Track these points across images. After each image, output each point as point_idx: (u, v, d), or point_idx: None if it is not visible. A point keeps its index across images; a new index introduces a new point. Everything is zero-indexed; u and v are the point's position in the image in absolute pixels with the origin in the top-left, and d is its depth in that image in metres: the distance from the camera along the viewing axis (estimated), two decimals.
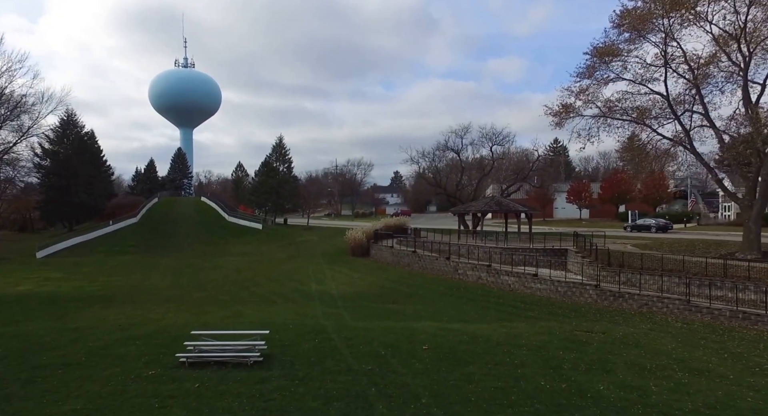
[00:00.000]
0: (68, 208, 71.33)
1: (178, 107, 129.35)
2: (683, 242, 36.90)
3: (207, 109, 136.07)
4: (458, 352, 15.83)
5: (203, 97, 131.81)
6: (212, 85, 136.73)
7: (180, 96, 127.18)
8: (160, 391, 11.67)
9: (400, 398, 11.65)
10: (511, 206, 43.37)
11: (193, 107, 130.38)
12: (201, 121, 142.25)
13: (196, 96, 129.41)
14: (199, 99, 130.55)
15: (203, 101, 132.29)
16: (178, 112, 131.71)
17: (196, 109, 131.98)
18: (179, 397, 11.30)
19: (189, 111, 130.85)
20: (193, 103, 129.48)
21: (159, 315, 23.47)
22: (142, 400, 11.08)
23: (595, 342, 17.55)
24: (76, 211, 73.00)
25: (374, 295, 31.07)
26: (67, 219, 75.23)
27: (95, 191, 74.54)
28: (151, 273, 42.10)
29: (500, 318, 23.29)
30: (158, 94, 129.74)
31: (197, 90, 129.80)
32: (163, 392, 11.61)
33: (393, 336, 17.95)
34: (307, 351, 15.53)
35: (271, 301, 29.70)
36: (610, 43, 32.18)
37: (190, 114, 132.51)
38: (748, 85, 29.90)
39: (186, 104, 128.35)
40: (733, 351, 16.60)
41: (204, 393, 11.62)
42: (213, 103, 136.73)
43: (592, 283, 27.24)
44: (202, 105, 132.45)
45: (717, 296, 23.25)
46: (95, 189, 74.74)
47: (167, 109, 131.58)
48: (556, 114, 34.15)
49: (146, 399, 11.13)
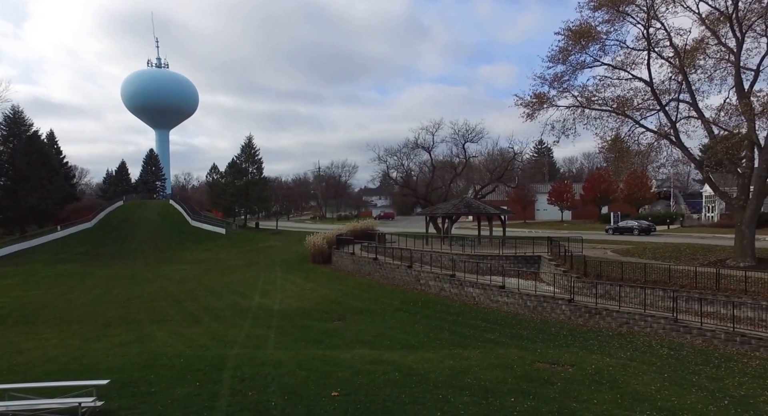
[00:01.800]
0: (16, 212, 66.56)
1: (152, 108, 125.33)
2: (668, 247, 33.26)
3: (182, 110, 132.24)
4: (377, 401, 11.89)
5: (178, 98, 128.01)
6: (188, 86, 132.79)
7: (153, 96, 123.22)
8: None
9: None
10: (481, 208, 39.52)
11: (167, 108, 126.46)
12: (177, 123, 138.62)
13: (171, 97, 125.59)
14: (174, 100, 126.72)
15: (178, 102, 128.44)
16: (152, 113, 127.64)
17: (171, 109, 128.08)
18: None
19: (163, 112, 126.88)
20: (168, 104, 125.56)
21: (35, 344, 19.27)
22: None
23: (560, 380, 13.67)
24: (26, 216, 68.24)
25: (320, 311, 27.10)
26: (18, 224, 70.40)
27: (48, 195, 69.76)
28: (79, 286, 37.74)
29: (453, 342, 19.36)
30: (131, 95, 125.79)
31: (172, 90, 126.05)
32: None
33: (304, 374, 13.98)
34: (171, 404, 11.49)
35: (196, 320, 25.59)
36: (586, 25, 28.46)
37: (164, 115, 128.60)
38: (741, 71, 26.32)
39: (160, 105, 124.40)
40: (735, 393, 12.76)
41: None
42: (189, 103, 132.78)
43: (566, 297, 23.37)
44: (177, 106, 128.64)
45: (709, 312, 19.49)
46: (48, 192, 69.96)
47: (141, 109, 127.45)
48: (527, 104, 30.18)
49: None
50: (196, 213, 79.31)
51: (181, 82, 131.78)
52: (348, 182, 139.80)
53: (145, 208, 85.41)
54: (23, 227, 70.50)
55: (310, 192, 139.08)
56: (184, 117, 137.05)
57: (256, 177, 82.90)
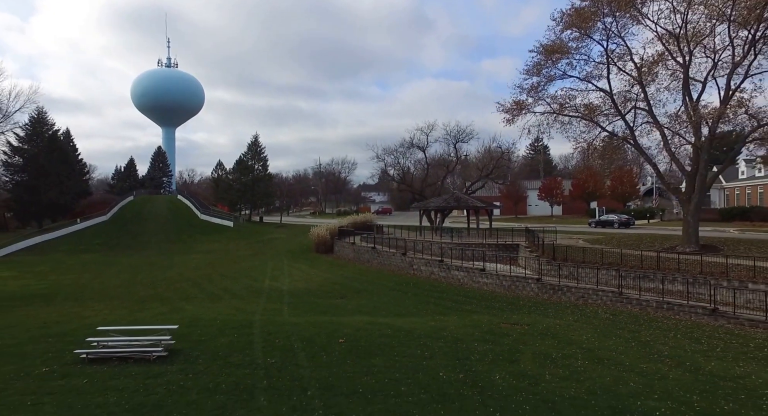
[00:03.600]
0: (36, 207, 70.48)
1: (161, 106, 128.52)
2: (633, 237, 37.34)
3: (189, 108, 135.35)
4: (373, 346, 15.92)
5: (185, 97, 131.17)
6: (195, 85, 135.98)
7: (162, 95, 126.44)
8: (42, 388, 11.62)
9: (286, 390, 11.70)
10: (469, 202, 43.56)
11: (175, 106, 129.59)
12: (184, 121, 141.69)
13: (179, 95, 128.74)
14: (182, 98, 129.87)
15: (185, 100, 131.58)
16: (160, 112, 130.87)
17: (179, 108, 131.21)
18: (58, 394, 11.26)
19: (171, 110, 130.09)
20: (175, 103, 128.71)
21: (93, 313, 23.27)
22: (17, 398, 11.02)
23: (515, 334, 17.73)
24: (45, 210, 72.13)
25: (324, 291, 31.09)
26: (36, 218, 74.28)
27: (66, 190, 73.61)
28: (106, 271, 41.78)
29: (436, 312, 23.43)
30: (140, 94, 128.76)
31: (180, 89, 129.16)
32: (44, 389, 11.57)
33: (316, 330, 18.00)
34: (219, 346, 15.52)
35: (218, 298, 29.60)
36: (558, 41, 32.38)
37: (172, 113, 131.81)
38: (689, 83, 30.28)
39: (168, 103, 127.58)
40: (643, 339, 16.83)
41: (87, 389, 11.59)
42: (195, 102, 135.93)
43: (535, 277, 27.48)
44: (184, 104, 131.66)
45: (649, 288, 23.59)
46: (66, 188, 73.81)
47: (149, 108, 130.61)
48: (508, 110, 34.19)
49: (22, 397, 11.06)
50: (205, 208, 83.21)
51: (189, 81, 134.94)
52: (347, 178, 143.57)
53: (155, 202, 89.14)
54: (41, 221, 74.34)
55: (311, 188, 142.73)
56: (190, 115, 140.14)
57: (262, 174, 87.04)
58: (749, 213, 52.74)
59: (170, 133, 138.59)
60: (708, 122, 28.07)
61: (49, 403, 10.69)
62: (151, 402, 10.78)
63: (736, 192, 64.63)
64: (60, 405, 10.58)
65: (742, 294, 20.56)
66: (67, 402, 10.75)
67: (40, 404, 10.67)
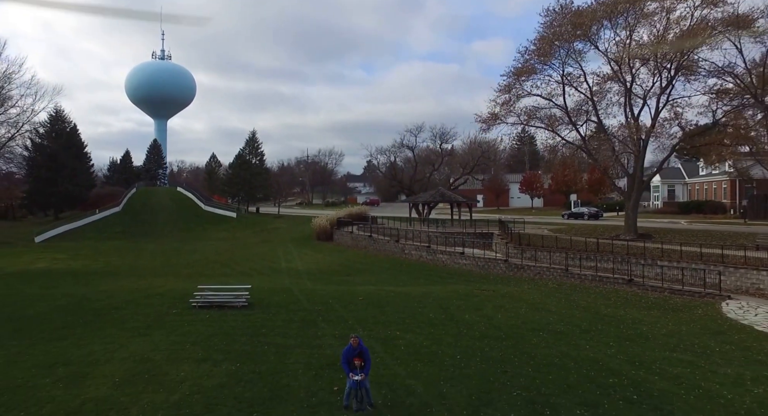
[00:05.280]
0: (54, 198, 76.32)
1: (154, 99, 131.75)
2: (590, 227, 44.74)
3: (181, 100, 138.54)
4: (382, 301, 22.92)
5: (178, 89, 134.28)
6: (187, 77, 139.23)
7: (156, 88, 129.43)
8: (185, 319, 18.51)
9: (335, 321, 18.69)
10: (452, 197, 50.68)
11: (168, 98, 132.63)
12: (176, 112, 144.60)
13: (172, 88, 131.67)
14: (174, 91, 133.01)
15: (178, 93, 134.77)
16: (153, 104, 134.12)
17: (171, 100, 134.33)
18: (197, 322, 18.16)
19: (164, 102, 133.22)
20: (168, 95, 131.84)
21: (161, 283, 29.91)
22: (176, 320, 17.89)
23: (483, 295, 24.83)
24: (60, 201, 77.95)
25: (332, 271, 37.92)
26: (52, 208, 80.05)
27: (78, 182, 79.38)
28: (140, 255, 48.20)
29: (425, 283, 30.45)
30: (135, 87, 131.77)
31: (173, 82, 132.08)
32: (187, 319, 18.46)
33: (339, 293, 24.96)
34: (278, 302, 22.42)
35: (248, 275, 36.31)
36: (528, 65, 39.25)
37: (165, 105, 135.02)
38: (632, 100, 37.42)
39: (161, 96, 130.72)
40: (572, 299, 24.00)
41: (213, 319, 18.49)
42: (188, 94, 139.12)
43: (503, 259, 34.62)
44: (176, 97, 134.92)
45: (589, 266, 30.74)
46: (78, 180, 79.58)
47: (143, 100, 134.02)
48: (484, 121, 41.20)
49: (179, 321, 17.96)
50: (208, 200, 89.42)
51: (182, 73, 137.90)
52: (335, 169, 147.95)
53: (156, 194, 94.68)
54: (56, 211, 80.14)
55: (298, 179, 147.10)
56: (182, 107, 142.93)
57: (259, 167, 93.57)
58: (703, 206, 60.39)
59: (162, 125, 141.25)
60: (642, 136, 35.30)
61: (198, 323, 17.61)
62: (254, 326, 17.70)
63: (696, 187, 71.98)
64: (205, 325, 17.47)
65: (652, 269, 27.87)
66: (208, 323, 17.63)
67: (194, 323, 17.57)
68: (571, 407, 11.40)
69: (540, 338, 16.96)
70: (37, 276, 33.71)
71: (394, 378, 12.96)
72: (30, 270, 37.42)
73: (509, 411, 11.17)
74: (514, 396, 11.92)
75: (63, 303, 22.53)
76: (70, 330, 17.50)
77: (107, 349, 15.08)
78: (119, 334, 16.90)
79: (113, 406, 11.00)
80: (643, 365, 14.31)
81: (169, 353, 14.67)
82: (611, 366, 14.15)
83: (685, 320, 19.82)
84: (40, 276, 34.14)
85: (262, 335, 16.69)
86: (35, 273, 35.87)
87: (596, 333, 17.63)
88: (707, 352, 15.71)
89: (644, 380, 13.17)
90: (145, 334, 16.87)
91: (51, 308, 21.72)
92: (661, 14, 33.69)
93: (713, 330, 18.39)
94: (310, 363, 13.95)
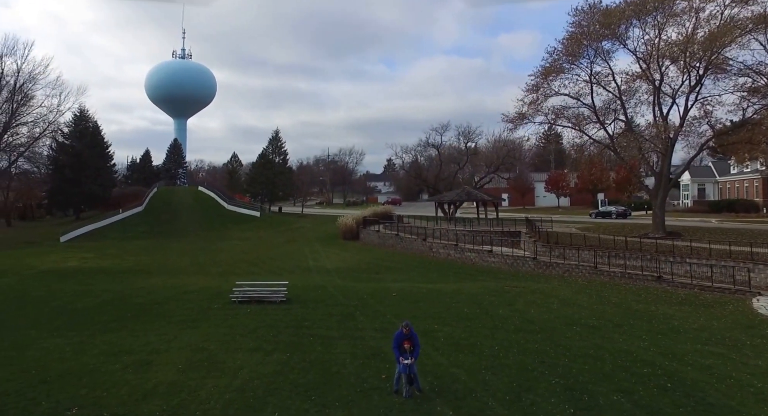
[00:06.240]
0: (78, 198, 78.01)
1: (174, 98, 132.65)
2: (618, 225, 44.80)
3: (202, 99, 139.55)
4: (416, 297, 23.53)
5: (198, 89, 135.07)
6: (208, 76, 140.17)
7: (176, 88, 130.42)
8: (228, 313, 19.31)
9: (373, 315, 19.33)
10: (478, 196, 51.06)
11: (188, 98, 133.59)
12: (196, 111, 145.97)
13: (192, 88, 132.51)
14: (195, 90, 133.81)
15: (198, 92, 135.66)
16: (173, 103, 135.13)
17: (192, 99, 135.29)
18: (241, 315, 18.94)
19: (184, 101, 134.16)
20: (189, 95, 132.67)
21: (194, 281, 30.86)
22: (220, 314, 18.69)
23: (514, 291, 25.29)
24: (84, 200, 79.65)
25: (361, 269, 38.54)
26: (74, 208, 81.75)
27: (101, 181, 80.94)
28: (167, 254, 49.30)
29: (455, 280, 30.95)
30: (155, 86, 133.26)
31: (193, 81, 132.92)
32: (230, 313, 19.26)
33: (372, 289, 25.62)
34: (314, 297, 23.15)
35: (278, 274, 36.96)
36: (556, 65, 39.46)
37: (185, 104, 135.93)
38: (661, 99, 37.48)
39: (182, 95, 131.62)
40: (603, 295, 24.33)
41: (255, 313, 19.27)
42: (208, 93, 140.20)
43: (532, 257, 34.97)
44: (197, 96, 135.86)
45: (617, 263, 30.96)
46: (101, 179, 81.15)
47: (163, 100, 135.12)
48: (511, 120, 41.58)
49: (223, 315, 18.76)
50: (231, 199, 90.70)
51: (202, 72, 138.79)
52: (356, 168, 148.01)
53: (177, 193, 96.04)
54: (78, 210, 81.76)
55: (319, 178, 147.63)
56: (202, 106, 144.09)
57: (282, 167, 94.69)
58: (735, 205, 59.80)
59: (182, 125, 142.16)
60: (670, 135, 35.38)
61: (241, 316, 18.38)
62: (296, 319, 18.42)
63: (728, 186, 71.21)
64: (249, 318, 18.24)
65: (681, 267, 28.05)
66: (251, 316, 18.40)
67: (237, 317, 18.35)
68: (607, 393, 11.89)
69: (574, 332, 17.40)
70: (71, 274, 34.77)
71: (437, 367, 13.54)
72: (62, 268, 38.54)
73: (549, 396, 11.68)
74: (553, 384, 12.43)
75: (107, 299, 23.53)
76: (121, 323, 18.40)
77: (162, 340, 15.92)
78: (169, 326, 17.74)
79: (183, 389, 11.80)
80: (675, 357, 14.72)
81: (221, 343, 15.45)
82: (645, 358, 14.58)
83: (716, 315, 20.10)
84: (73, 273, 35.21)
85: (305, 327, 17.39)
86: (68, 271, 36.98)
87: (629, 328, 18.02)
88: (738, 345, 16.05)
89: (677, 370, 13.60)
90: (193, 327, 17.69)
91: (96, 303, 22.70)
92: (690, 13, 33.80)
93: (744, 325, 18.68)
94: (355, 353, 14.61)
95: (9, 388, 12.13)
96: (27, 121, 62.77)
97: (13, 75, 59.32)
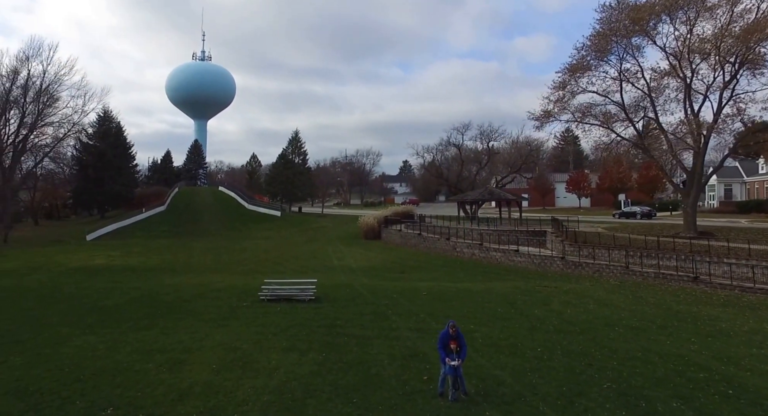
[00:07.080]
0: (102, 197, 78.69)
1: (195, 100, 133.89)
2: (645, 226, 43.81)
3: (222, 101, 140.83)
4: (446, 296, 22.99)
5: (219, 90, 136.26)
6: (227, 78, 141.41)
7: (196, 89, 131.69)
8: (258, 311, 18.93)
9: (406, 315, 18.83)
10: (501, 195, 50.32)
11: (209, 100, 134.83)
12: (216, 113, 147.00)
13: (212, 89, 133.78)
14: (215, 92, 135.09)
15: (219, 94, 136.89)
16: (193, 105, 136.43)
17: (212, 101, 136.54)
18: (271, 313, 18.56)
19: (205, 103, 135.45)
20: (209, 96, 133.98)
21: (220, 279, 30.60)
22: (250, 312, 18.33)
23: (546, 291, 24.62)
24: (108, 200, 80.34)
25: (385, 268, 38.08)
26: (98, 207, 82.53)
27: (124, 181, 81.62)
28: (191, 253, 49.26)
29: (483, 280, 30.32)
30: (175, 88, 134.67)
31: (213, 83, 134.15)
32: (260, 311, 18.88)
33: (401, 288, 25.11)
34: (343, 295, 22.71)
35: (303, 272, 36.69)
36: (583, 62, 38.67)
37: (205, 106, 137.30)
38: (692, 96, 36.51)
39: (202, 97, 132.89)
40: (638, 295, 23.58)
41: (285, 311, 18.86)
42: (228, 95, 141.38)
43: (560, 256, 34.20)
44: (217, 98, 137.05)
45: (650, 264, 30.11)
46: (124, 179, 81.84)
47: (183, 101, 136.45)
48: (538, 118, 40.82)
49: (253, 313, 18.39)
50: (251, 199, 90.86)
51: (222, 74, 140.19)
52: (372, 169, 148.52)
53: (198, 193, 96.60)
54: (102, 210, 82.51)
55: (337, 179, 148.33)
56: (222, 108, 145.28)
57: (302, 167, 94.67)
58: (764, 205, 58.26)
59: (202, 126, 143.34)
60: (703, 132, 34.40)
61: (271, 314, 17.99)
62: (328, 318, 18.00)
63: (756, 186, 69.50)
64: (279, 316, 17.85)
65: (719, 267, 27.16)
66: (281, 315, 18.01)
67: (268, 315, 17.98)
68: (665, 400, 11.27)
69: (616, 333, 16.75)
70: (100, 272, 34.82)
71: (479, 369, 13.00)
72: (90, 266, 38.62)
73: (603, 402, 11.11)
74: (605, 389, 11.84)
75: (136, 296, 23.35)
76: (152, 321, 18.11)
77: (194, 338, 15.59)
78: (200, 325, 17.41)
79: (220, 390, 11.41)
80: (731, 361, 14.01)
81: (254, 342, 15.06)
82: (698, 362, 13.90)
83: (765, 318, 19.27)
84: (102, 271, 35.25)
85: (338, 327, 16.96)
86: (96, 268, 37.01)
87: (674, 329, 17.30)
88: None
89: (735, 375, 12.91)
90: (224, 325, 17.34)
91: (126, 300, 22.52)
92: (724, 7, 32.81)
93: None
94: (393, 354, 14.12)
95: (44, 386, 11.88)
96: (52, 121, 63.26)
97: (38, 76, 59.83)
